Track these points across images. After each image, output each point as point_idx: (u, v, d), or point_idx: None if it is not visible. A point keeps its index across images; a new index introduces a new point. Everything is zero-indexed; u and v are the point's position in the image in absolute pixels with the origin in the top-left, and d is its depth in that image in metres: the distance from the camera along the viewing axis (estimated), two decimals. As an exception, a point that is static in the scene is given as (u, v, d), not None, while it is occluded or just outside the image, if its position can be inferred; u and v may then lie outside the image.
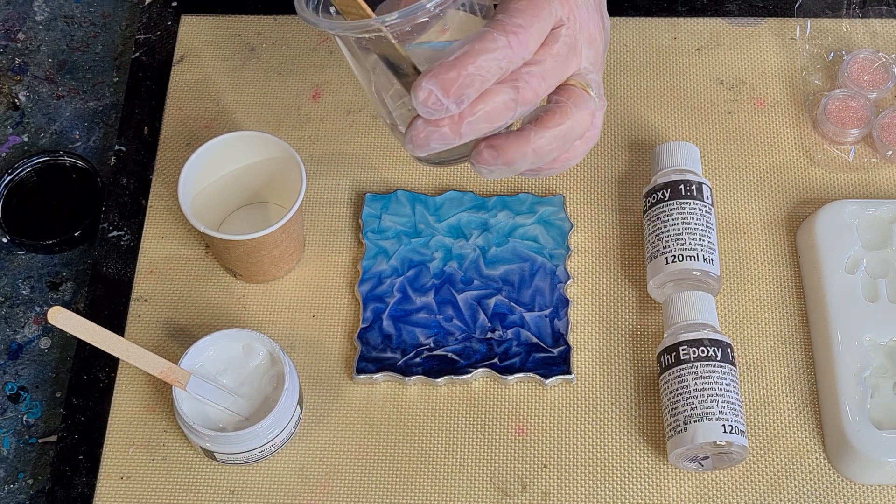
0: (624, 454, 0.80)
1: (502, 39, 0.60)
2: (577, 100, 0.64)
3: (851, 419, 0.77)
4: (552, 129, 0.63)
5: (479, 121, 0.62)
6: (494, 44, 0.60)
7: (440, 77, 0.59)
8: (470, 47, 0.60)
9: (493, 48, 0.60)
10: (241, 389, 0.78)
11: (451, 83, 0.60)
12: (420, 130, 0.62)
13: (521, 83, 0.62)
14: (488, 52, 0.60)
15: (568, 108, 0.64)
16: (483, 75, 0.60)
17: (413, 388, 0.83)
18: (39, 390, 0.86)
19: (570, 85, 0.65)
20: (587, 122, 0.65)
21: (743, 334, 0.84)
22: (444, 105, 0.60)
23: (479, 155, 0.64)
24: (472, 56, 0.60)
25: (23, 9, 1.03)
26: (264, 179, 0.87)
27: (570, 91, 0.64)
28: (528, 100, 0.62)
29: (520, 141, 0.63)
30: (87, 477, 0.80)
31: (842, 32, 0.96)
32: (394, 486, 0.79)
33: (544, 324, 0.83)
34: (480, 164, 0.64)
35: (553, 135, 0.64)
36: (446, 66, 0.60)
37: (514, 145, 0.63)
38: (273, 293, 0.86)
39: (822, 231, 0.84)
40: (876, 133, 0.90)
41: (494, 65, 0.60)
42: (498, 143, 0.63)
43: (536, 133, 0.63)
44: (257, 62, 0.97)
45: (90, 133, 0.97)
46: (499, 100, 0.61)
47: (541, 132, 0.63)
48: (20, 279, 0.90)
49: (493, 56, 0.60)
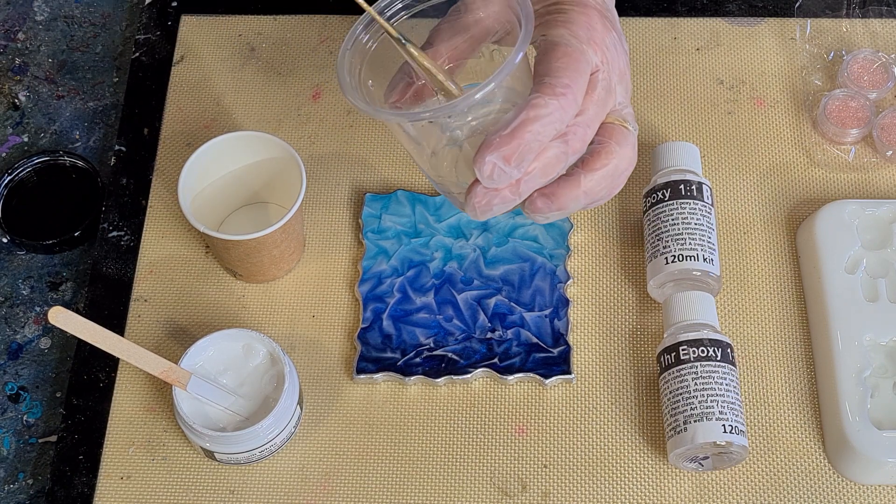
0: (624, 454, 0.80)
1: (553, 103, 0.63)
2: (619, 137, 0.67)
3: (851, 419, 0.77)
4: (600, 170, 0.67)
5: (535, 178, 0.65)
6: (547, 109, 0.63)
7: (500, 150, 0.62)
8: (525, 116, 0.62)
9: (547, 113, 0.63)
10: (241, 389, 0.78)
11: (511, 153, 0.62)
12: (481, 197, 0.65)
13: (570, 135, 0.64)
14: (542, 117, 0.62)
15: (612, 147, 0.67)
16: (540, 140, 0.63)
17: (413, 388, 0.83)
18: (39, 390, 0.86)
19: (609, 123, 0.68)
20: (631, 155, 0.68)
21: (743, 334, 0.84)
22: (507, 174, 0.63)
23: (532, 205, 0.67)
24: (529, 124, 0.62)
25: (23, 9, 1.03)
26: (264, 179, 0.87)
27: (610, 130, 0.67)
28: (577, 149, 0.65)
29: (571, 186, 0.66)
30: (87, 477, 0.80)
31: (842, 32, 0.96)
32: (394, 486, 0.79)
33: (544, 324, 0.83)
34: (536, 213, 0.67)
35: (602, 175, 0.67)
36: (506, 137, 0.62)
37: (566, 191, 0.66)
38: (273, 293, 0.86)
39: (822, 231, 0.84)
40: (876, 133, 0.90)
41: (550, 128, 0.63)
42: (550, 191, 0.66)
43: (586, 176, 0.66)
44: (257, 62, 0.97)
45: (90, 133, 0.97)
46: (551, 154, 0.64)
47: (590, 175, 0.67)
48: (20, 279, 0.90)
49: (548, 120, 0.63)
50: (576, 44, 0.65)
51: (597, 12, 0.68)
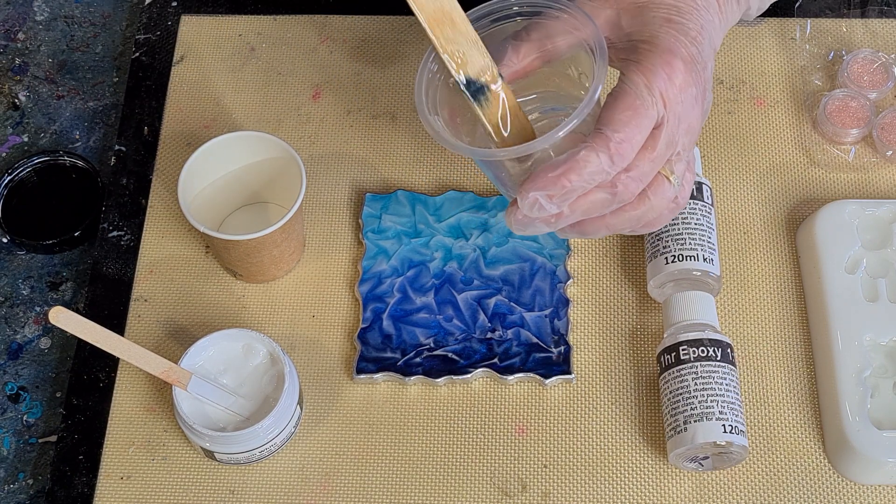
0: (624, 454, 0.80)
1: (605, 157, 0.64)
2: (657, 188, 0.68)
3: (851, 419, 0.77)
4: (628, 212, 0.68)
5: (575, 216, 0.67)
6: (597, 160, 0.64)
7: (547, 187, 0.64)
8: (574, 163, 0.64)
9: (597, 164, 0.64)
10: (242, 389, 0.78)
11: (554, 193, 0.65)
12: (520, 217, 0.67)
13: (620, 188, 0.66)
14: (592, 166, 0.64)
15: (646, 196, 0.68)
16: (584, 187, 0.65)
17: (413, 388, 0.83)
18: (39, 390, 0.86)
19: None
20: (663, 205, 0.69)
21: (743, 334, 0.84)
22: (547, 209, 0.66)
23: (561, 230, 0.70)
24: (576, 172, 0.64)
25: (23, 9, 1.03)
26: (264, 179, 0.87)
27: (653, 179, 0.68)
28: (624, 200, 0.67)
29: (596, 219, 0.69)
30: (87, 477, 0.80)
31: (842, 32, 0.96)
32: (394, 486, 0.79)
33: (544, 324, 0.83)
34: (561, 234, 0.71)
35: (628, 217, 0.69)
36: (552, 178, 0.64)
37: (591, 223, 0.69)
38: (273, 293, 0.86)
39: (822, 231, 0.84)
40: (876, 133, 0.90)
41: (596, 178, 0.65)
42: None
43: (613, 215, 0.68)
44: (257, 62, 0.97)
45: (90, 133, 0.97)
46: (595, 199, 0.66)
47: (618, 214, 0.68)
48: (20, 279, 0.90)
49: (595, 171, 0.64)
50: (646, 96, 0.65)
51: (682, 63, 0.67)
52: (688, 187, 0.71)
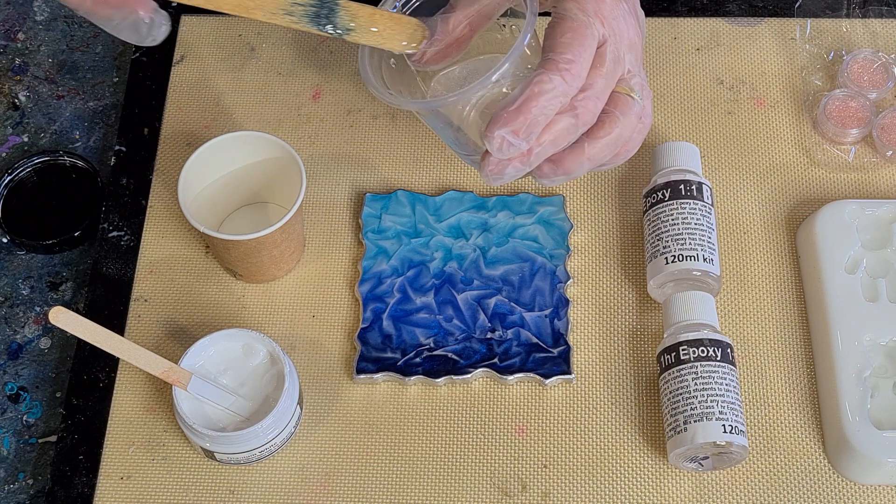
0: (624, 454, 0.80)
1: (557, 78, 0.66)
2: (623, 107, 0.70)
3: (851, 419, 0.77)
4: (603, 138, 0.70)
5: (546, 148, 0.69)
6: (551, 84, 0.66)
7: (509, 124, 0.66)
8: (530, 92, 0.66)
9: (551, 88, 0.66)
10: (242, 389, 0.78)
11: (519, 127, 0.66)
12: (493, 165, 0.69)
13: (580, 108, 0.68)
14: (547, 92, 0.66)
15: (615, 117, 0.70)
16: (546, 113, 0.67)
17: (413, 388, 0.83)
18: (39, 390, 0.86)
19: (615, 92, 0.71)
20: (633, 123, 0.71)
21: (743, 334, 0.84)
22: (516, 146, 0.67)
23: (539, 170, 0.71)
24: (534, 99, 0.66)
25: (23, 9, 1.03)
26: (264, 179, 0.87)
27: (615, 99, 0.70)
28: (587, 121, 0.69)
29: (575, 153, 0.70)
30: (87, 477, 0.80)
31: (842, 32, 0.96)
32: (394, 486, 0.79)
33: (544, 324, 0.83)
34: (543, 177, 0.71)
35: (605, 143, 0.70)
36: (513, 113, 0.66)
37: (571, 157, 0.70)
38: (273, 293, 0.86)
39: (822, 231, 0.84)
40: (876, 133, 0.90)
41: (555, 102, 0.67)
42: (556, 157, 0.71)
43: (590, 144, 0.70)
44: (257, 62, 0.97)
45: (90, 133, 0.97)
46: (561, 127, 0.68)
47: (594, 142, 0.70)
48: (20, 279, 0.90)
49: (552, 95, 0.66)
50: (582, 17, 0.68)
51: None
52: (648, 104, 0.73)
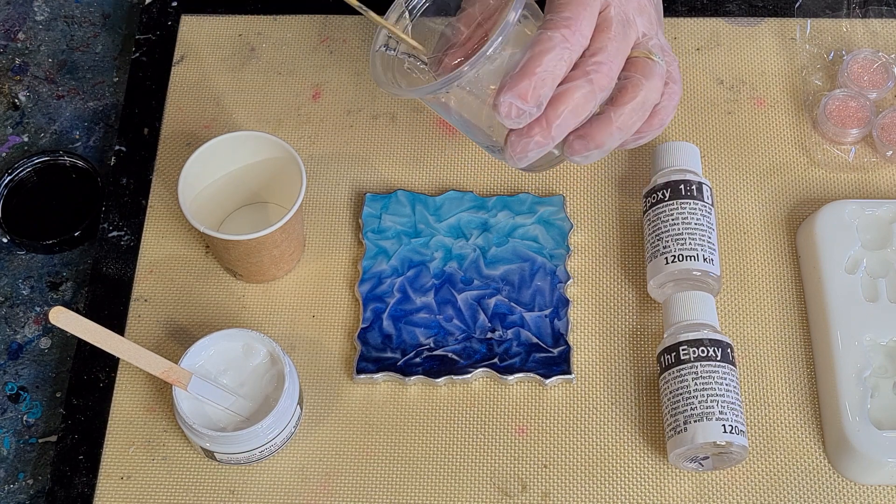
0: (624, 454, 0.80)
1: (557, 35, 0.65)
2: (644, 70, 0.69)
3: (851, 419, 0.77)
4: (629, 103, 0.68)
5: (566, 119, 0.67)
6: (551, 42, 0.65)
7: (514, 88, 0.65)
8: (531, 52, 0.65)
9: (552, 46, 0.65)
10: (242, 389, 0.78)
11: (525, 90, 0.65)
12: (516, 144, 0.67)
13: (594, 73, 0.66)
14: (549, 51, 0.65)
15: (637, 80, 0.68)
16: (552, 72, 0.65)
17: (413, 388, 0.83)
18: (39, 390, 0.86)
19: (634, 57, 0.69)
20: (659, 86, 0.69)
21: (743, 334, 0.84)
22: (526, 111, 0.65)
23: (570, 147, 0.69)
24: (536, 59, 0.64)
25: (23, 9, 1.03)
26: (264, 179, 0.87)
27: (636, 63, 0.69)
28: (603, 86, 0.67)
29: (603, 123, 0.68)
30: (87, 477, 0.80)
31: (842, 32, 0.96)
32: (394, 486, 0.79)
33: (544, 324, 0.84)
34: (575, 155, 0.69)
35: (631, 108, 0.68)
36: (516, 76, 0.65)
37: (599, 129, 0.68)
38: (273, 293, 0.86)
39: (822, 231, 0.84)
40: (876, 133, 0.90)
41: (558, 60, 0.65)
42: (584, 132, 0.68)
43: (616, 112, 0.68)
44: (257, 62, 0.97)
45: (90, 133, 0.97)
46: (578, 95, 0.66)
47: (620, 109, 0.68)
48: (20, 279, 0.90)
49: (555, 53, 0.65)
50: None
51: None
52: (674, 68, 0.71)
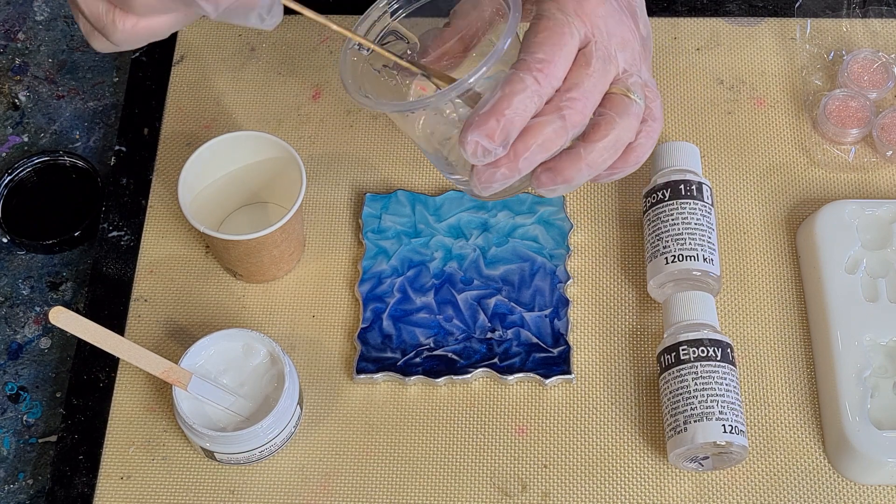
0: (624, 454, 0.80)
1: (528, 78, 0.64)
2: (620, 108, 0.67)
3: (851, 419, 0.77)
4: (600, 141, 0.66)
5: (534, 153, 0.65)
6: (522, 84, 0.64)
7: (481, 127, 0.63)
8: (502, 93, 0.64)
9: (523, 88, 0.64)
10: (242, 389, 0.78)
11: (493, 130, 0.63)
12: (482, 173, 0.66)
13: (567, 109, 0.65)
14: (519, 93, 0.64)
15: (611, 118, 0.67)
16: (520, 114, 0.64)
17: (413, 388, 0.83)
18: (39, 390, 0.86)
19: (611, 94, 0.67)
20: (634, 125, 0.68)
21: (743, 334, 0.84)
22: (492, 150, 0.64)
23: (538, 179, 0.67)
24: (506, 100, 0.63)
25: (23, 9, 1.03)
26: (264, 179, 0.87)
27: (612, 100, 0.67)
28: (576, 122, 0.65)
29: (572, 159, 0.67)
30: (87, 477, 0.80)
31: (842, 32, 0.96)
32: (394, 486, 0.79)
33: (544, 324, 0.83)
34: (541, 188, 0.68)
35: (602, 146, 0.66)
36: (485, 115, 0.63)
37: (568, 164, 0.66)
38: (273, 293, 0.86)
39: (822, 231, 0.84)
40: (876, 133, 0.90)
41: (528, 102, 0.64)
42: (553, 165, 0.67)
43: (586, 149, 0.66)
44: (257, 62, 0.97)
45: (90, 133, 0.97)
46: (548, 130, 0.65)
47: (590, 146, 0.66)
48: (20, 279, 0.90)
49: (525, 95, 0.64)
50: (560, 17, 0.66)
51: None
52: (655, 106, 0.70)
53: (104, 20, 0.62)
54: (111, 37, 0.63)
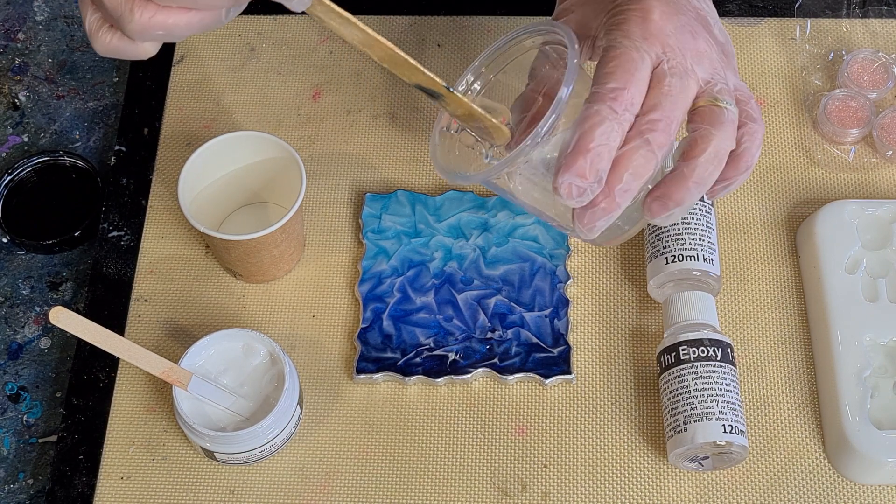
0: (624, 454, 0.80)
1: (604, 109, 0.63)
2: (712, 119, 0.66)
3: (851, 419, 0.77)
4: (700, 156, 0.66)
5: (628, 183, 0.64)
6: (599, 116, 0.63)
7: (571, 168, 0.63)
8: (581, 130, 0.63)
9: (601, 120, 0.63)
10: (242, 389, 0.78)
11: (583, 168, 0.63)
12: (583, 216, 0.65)
13: (649, 133, 0.64)
14: (598, 125, 0.63)
15: (706, 131, 0.66)
16: (605, 146, 0.63)
17: (413, 388, 0.83)
18: (39, 390, 0.86)
19: (700, 107, 0.67)
20: (731, 132, 0.67)
21: (743, 334, 0.84)
22: (587, 189, 0.63)
23: (649, 210, 0.67)
24: (587, 135, 0.63)
25: (23, 9, 1.03)
26: (264, 179, 0.87)
27: (702, 113, 0.67)
28: (662, 143, 0.65)
29: (678, 180, 0.66)
30: (87, 477, 0.80)
31: (842, 32, 0.96)
32: (394, 486, 0.79)
33: (544, 324, 0.84)
34: (655, 217, 0.67)
35: (704, 160, 0.66)
36: (571, 156, 0.63)
37: (675, 186, 0.66)
38: (273, 293, 0.86)
39: (822, 231, 0.84)
40: (876, 133, 0.90)
41: (610, 133, 0.63)
42: (661, 192, 0.66)
43: (689, 166, 0.66)
44: (257, 62, 0.97)
45: (90, 133, 0.97)
46: (637, 157, 0.64)
47: (692, 163, 0.66)
48: (20, 279, 0.90)
49: (605, 127, 0.63)
50: (627, 43, 0.65)
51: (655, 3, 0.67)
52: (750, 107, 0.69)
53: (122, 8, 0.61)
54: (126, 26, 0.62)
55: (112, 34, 0.64)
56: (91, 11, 0.63)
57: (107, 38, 0.64)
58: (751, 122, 0.68)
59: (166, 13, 0.61)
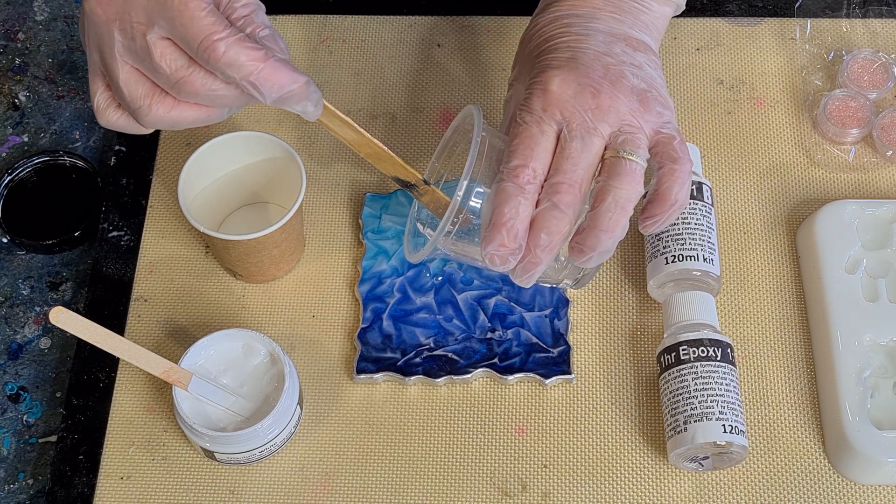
0: (624, 454, 0.80)
1: (510, 186, 0.69)
2: (611, 170, 0.70)
3: (851, 419, 0.77)
4: (599, 206, 0.70)
5: (545, 241, 0.70)
6: (505, 193, 0.69)
7: (492, 241, 0.69)
8: (494, 205, 0.69)
9: (507, 197, 0.69)
10: (242, 389, 0.78)
11: (503, 240, 0.69)
12: (515, 274, 0.71)
13: (555, 195, 0.69)
14: (506, 202, 0.69)
15: (604, 183, 0.70)
16: (518, 217, 0.69)
17: (413, 388, 0.83)
18: (39, 390, 0.86)
19: (606, 159, 0.71)
20: (632, 180, 0.70)
21: (743, 334, 0.84)
22: (514, 252, 0.69)
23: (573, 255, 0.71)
24: (500, 212, 0.69)
25: (23, 9, 1.03)
26: (264, 179, 0.87)
27: (606, 165, 0.71)
28: (569, 202, 0.69)
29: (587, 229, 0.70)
30: (87, 477, 0.80)
31: (842, 32, 0.96)
32: (394, 486, 0.79)
33: (544, 324, 0.84)
34: (579, 262, 0.72)
35: (604, 210, 0.70)
36: (491, 230, 0.69)
37: (585, 234, 0.71)
38: (273, 293, 0.86)
39: (822, 231, 0.84)
40: (876, 133, 0.90)
41: (518, 206, 0.69)
42: (575, 241, 0.71)
43: (593, 217, 0.70)
44: (257, 62, 0.96)
45: (90, 133, 0.97)
46: (547, 218, 0.69)
47: (594, 214, 0.70)
48: (20, 279, 0.90)
49: (513, 202, 0.69)
50: (528, 118, 0.70)
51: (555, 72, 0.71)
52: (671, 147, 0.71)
53: (140, 102, 0.66)
54: (141, 119, 0.67)
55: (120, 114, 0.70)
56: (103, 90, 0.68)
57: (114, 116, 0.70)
58: (669, 163, 0.71)
59: (181, 108, 0.67)
